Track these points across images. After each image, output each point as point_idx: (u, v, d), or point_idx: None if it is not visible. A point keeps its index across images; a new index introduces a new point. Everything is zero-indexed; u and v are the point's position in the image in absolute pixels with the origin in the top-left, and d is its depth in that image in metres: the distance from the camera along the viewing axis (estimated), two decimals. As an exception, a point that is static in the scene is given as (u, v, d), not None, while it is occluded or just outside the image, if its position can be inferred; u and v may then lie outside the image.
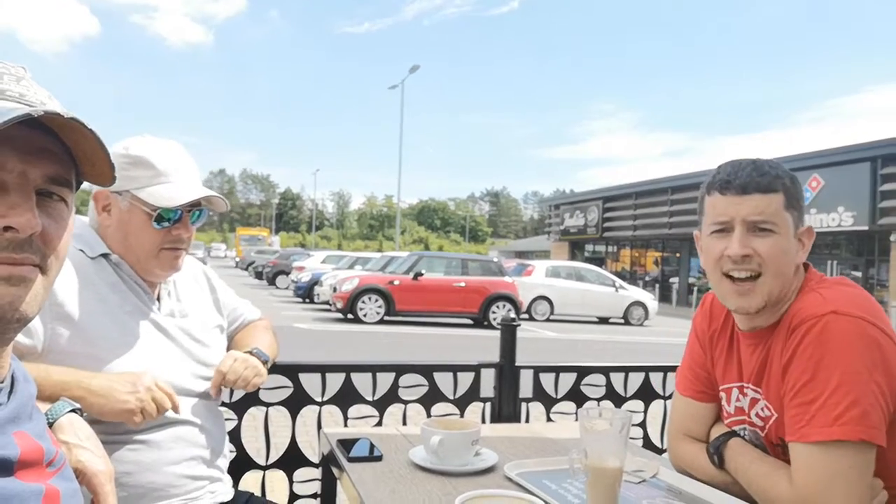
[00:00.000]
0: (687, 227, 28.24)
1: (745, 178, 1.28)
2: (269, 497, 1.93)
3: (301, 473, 1.97)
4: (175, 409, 1.36)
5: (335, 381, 1.99)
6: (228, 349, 1.71)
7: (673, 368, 2.29)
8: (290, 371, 1.95)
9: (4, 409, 0.77)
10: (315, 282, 17.73)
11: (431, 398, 2.07)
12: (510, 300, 14.40)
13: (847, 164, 21.05)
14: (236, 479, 1.79)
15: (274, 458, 1.94)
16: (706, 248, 1.35)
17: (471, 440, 1.51)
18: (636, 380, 2.28)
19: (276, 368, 1.94)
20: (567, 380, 2.22)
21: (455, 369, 2.11)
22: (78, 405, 1.11)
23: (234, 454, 1.84)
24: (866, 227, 20.26)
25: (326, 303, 15.80)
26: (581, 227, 36.51)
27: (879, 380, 1.13)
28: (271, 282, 25.68)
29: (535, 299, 16.88)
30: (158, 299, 1.52)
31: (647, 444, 2.28)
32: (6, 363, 0.81)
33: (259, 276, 28.81)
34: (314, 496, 1.98)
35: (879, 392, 1.13)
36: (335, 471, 1.62)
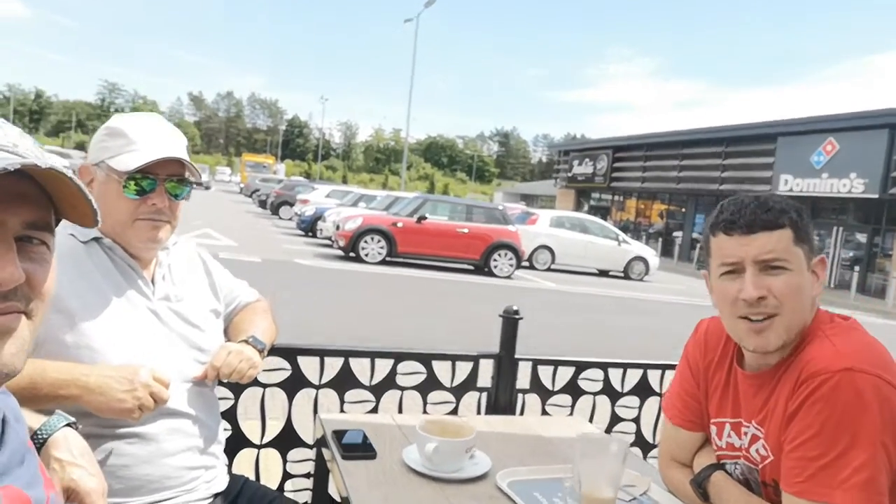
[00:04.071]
0: (695, 183, 28.01)
1: (749, 216, 1.24)
2: (262, 475, 1.96)
3: (295, 454, 1.99)
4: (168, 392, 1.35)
5: (333, 366, 1.99)
6: (226, 332, 1.70)
7: (671, 366, 2.29)
8: (289, 354, 1.95)
9: None
10: (318, 217, 17.70)
11: (428, 386, 2.08)
12: (512, 249, 14.39)
13: (864, 129, 20.67)
14: (231, 458, 1.81)
15: (269, 438, 1.96)
16: (717, 290, 1.31)
17: (465, 448, 1.51)
18: (633, 376, 2.28)
19: (274, 351, 1.93)
20: (564, 373, 2.21)
21: (454, 358, 2.11)
22: (73, 419, 1.10)
23: (230, 433, 1.86)
24: (876, 196, 20.06)
25: (329, 238, 15.82)
26: (589, 175, 36.21)
27: (888, 441, 1.11)
28: (275, 211, 25.67)
29: (537, 248, 16.88)
30: (153, 283, 1.50)
31: (640, 440, 2.30)
32: None
33: (263, 204, 28.79)
34: (307, 476, 2.01)
35: (886, 454, 1.11)
36: (328, 456, 1.64)
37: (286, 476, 2.00)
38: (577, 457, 1.34)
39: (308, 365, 1.97)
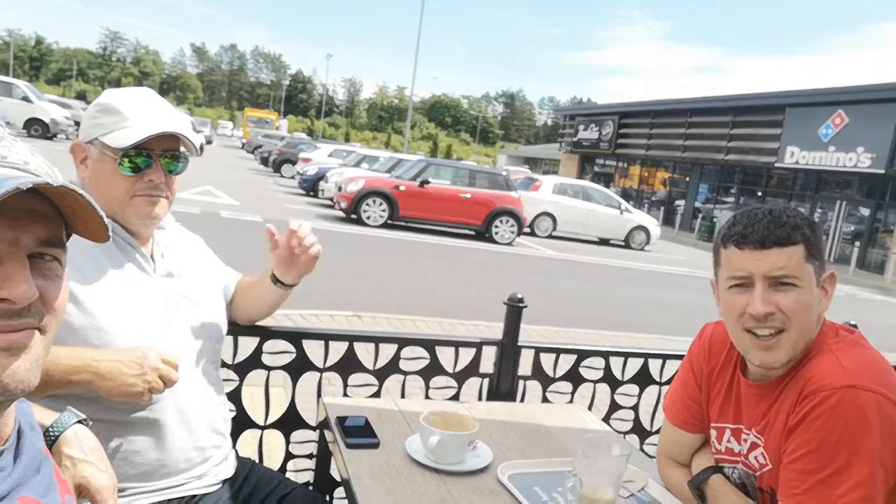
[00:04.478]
0: (700, 152, 27.80)
1: (762, 231, 1.23)
2: (265, 454, 2.00)
3: (298, 435, 2.02)
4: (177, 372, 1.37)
5: (338, 349, 2.00)
6: (233, 305, 1.75)
7: (672, 356, 2.32)
8: (294, 337, 1.96)
9: (10, 478, 0.77)
10: (321, 177, 17.61)
11: (431, 371, 2.10)
12: (514, 216, 14.36)
13: (875, 102, 20.40)
14: (235, 438, 1.83)
15: (272, 419, 1.99)
16: (725, 301, 1.31)
17: (467, 441, 1.54)
18: (634, 364, 2.30)
19: (280, 335, 1.95)
20: (566, 359, 2.23)
21: (457, 345, 2.12)
22: (83, 416, 1.12)
23: (234, 413, 1.89)
24: (882, 171, 19.92)
25: (330, 199, 15.77)
26: (594, 140, 35.91)
27: (886, 458, 1.12)
28: (276, 169, 25.51)
29: (539, 215, 16.84)
30: (153, 260, 1.51)
31: (638, 427, 2.33)
32: (10, 420, 0.81)
33: (265, 161, 28.59)
34: (309, 456, 2.05)
35: (884, 471, 1.13)
36: (330, 438, 1.66)
37: (288, 456, 2.04)
38: (579, 457, 1.37)
39: (312, 348, 1.99)
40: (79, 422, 1.11)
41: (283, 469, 2.00)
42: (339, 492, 1.94)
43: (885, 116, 19.86)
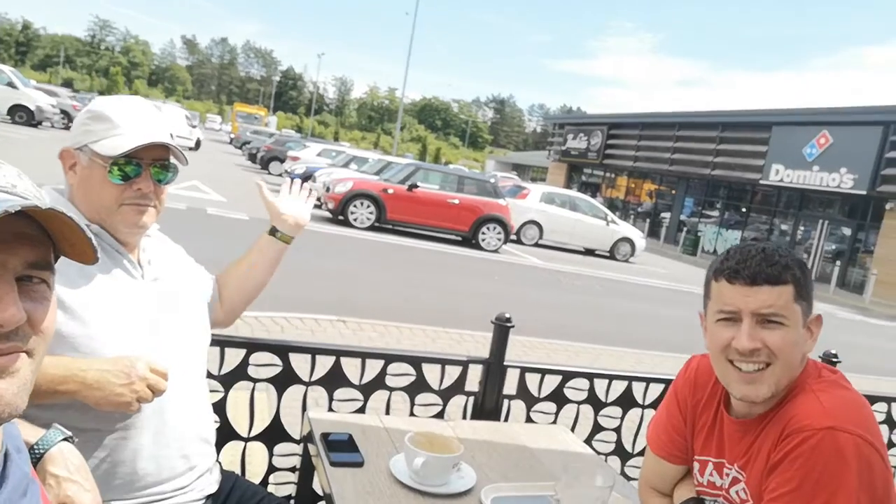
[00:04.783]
0: (687, 166, 28.04)
1: (754, 268, 1.25)
2: (247, 467, 1.99)
3: (281, 448, 2.02)
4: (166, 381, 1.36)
5: (324, 364, 2.00)
6: (221, 298, 1.78)
7: (656, 380, 2.34)
8: (281, 350, 1.96)
9: None
10: (308, 176, 17.51)
11: (417, 388, 2.10)
12: (501, 223, 14.40)
13: (859, 125, 20.73)
14: (218, 449, 1.82)
15: (256, 431, 1.98)
16: (711, 333, 1.33)
17: (452, 464, 1.54)
18: (618, 387, 2.32)
19: (266, 347, 1.95)
20: (551, 380, 2.25)
21: (444, 362, 2.13)
22: (69, 433, 1.11)
23: (218, 424, 1.88)
24: (864, 192, 20.21)
25: (318, 199, 15.73)
26: (583, 150, 36.11)
27: (863, 499, 1.15)
28: (264, 166, 25.38)
29: (526, 223, 16.91)
30: (140, 266, 1.50)
31: (619, 449, 2.35)
32: None
33: (253, 158, 28.44)
34: (292, 470, 2.04)
35: None
36: (314, 452, 1.66)
37: (271, 469, 2.03)
38: (563, 487, 1.38)
39: (298, 362, 1.99)
40: (65, 439, 1.10)
41: (265, 482, 1.99)
42: (322, 505, 1.94)
43: (869, 138, 20.17)
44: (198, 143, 31.09)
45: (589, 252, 17.93)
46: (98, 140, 1.41)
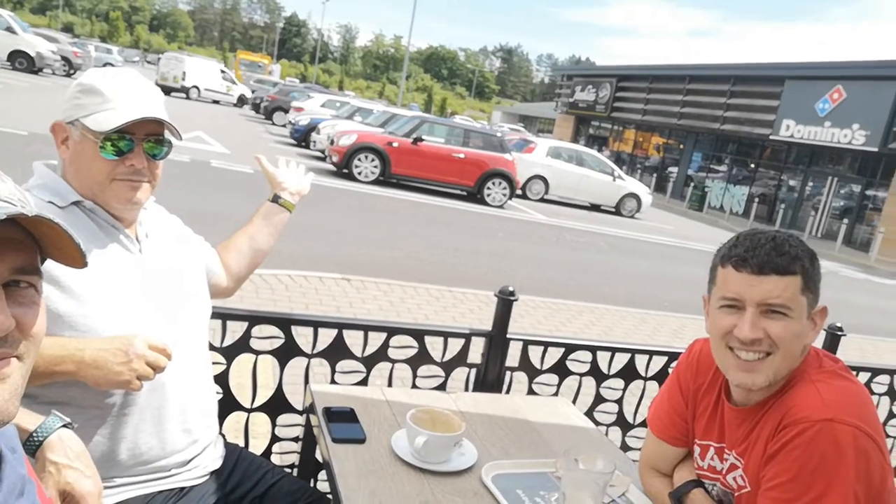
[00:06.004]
0: (696, 120, 27.63)
1: (762, 257, 1.23)
2: (251, 438, 2.01)
3: (284, 418, 2.03)
4: (168, 357, 1.36)
5: (326, 336, 2.00)
6: (225, 267, 1.78)
7: (658, 353, 2.34)
8: (283, 323, 1.96)
9: None
10: (313, 128, 17.36)
11: (419, 360, 2.10)
12: (507, 178, 14.28)
13: (874, 79, 20.27)
14: (221, 420, 1.84)
15: (259, 402, 1.99)
16: (713, 318, 1.32)
17: (454, 442, 1.55)
18: (621, 359, 2.31)
19: (269, 320, 1.94)
20: (553, 352, 2.25)
21: (446, 335, 2.13)
22: (68, 419, 1.11)
23: (221, 396, 1.89)
24: (876, 149, 19.92)
25: (322, 152, 15.59)
26: (591, 102, 35.56)
27: (859, 490, 1.15)
28: (268, 116, 25.12)
29: (531, 178, 16.77)
30: (138, 241, 1.49)
31: (621, 420, 2.36)
32: None
33: (256, 108, 28.14)
34: (295, 440, 2.07)
35: (858, 502, 1.15)
36: (315, 422, 1.68)
37: (274, 439, 2.05)
38: (564, 471, 1.38)
39: (301, 334, 1.98)
40: (64, 426, 1.10)
41: (268, 452, 2.01)
42: (325, 474, 1.96)
43: (884, 94, 19.75)
44: (241, 100, 30.70)
45: (595, 207, 17.83)
46: (89, 114, 1.38)
